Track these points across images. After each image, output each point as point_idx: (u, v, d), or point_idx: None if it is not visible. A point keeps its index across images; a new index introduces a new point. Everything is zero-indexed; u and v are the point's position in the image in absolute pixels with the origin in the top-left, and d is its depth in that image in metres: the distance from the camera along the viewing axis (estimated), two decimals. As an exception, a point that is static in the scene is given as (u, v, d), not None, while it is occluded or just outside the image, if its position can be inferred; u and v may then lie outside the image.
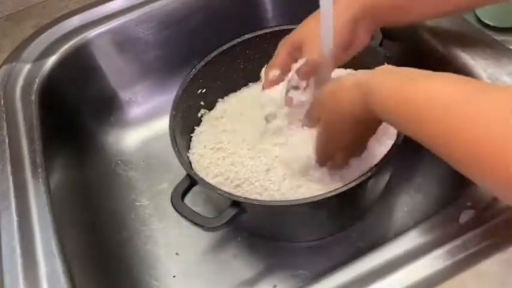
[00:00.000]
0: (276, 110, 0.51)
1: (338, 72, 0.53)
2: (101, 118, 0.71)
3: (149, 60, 0.72)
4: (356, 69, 0.56)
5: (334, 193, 0.45)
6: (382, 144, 0.50)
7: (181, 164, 0.50)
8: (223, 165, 0.54)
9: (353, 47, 0.50)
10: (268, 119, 0.52)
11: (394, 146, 0.48)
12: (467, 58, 0.53)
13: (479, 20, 0.57)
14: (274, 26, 0.63)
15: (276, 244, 0.58)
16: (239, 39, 0.61)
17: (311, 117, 0.49)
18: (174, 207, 0.49)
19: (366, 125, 0.45)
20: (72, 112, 0.67)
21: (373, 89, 0.40)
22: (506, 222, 0.41)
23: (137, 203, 0.65)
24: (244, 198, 0.47)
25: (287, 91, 0.50)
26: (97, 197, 0.64)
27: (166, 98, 0.67)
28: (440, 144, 0.35)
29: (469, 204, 0.43)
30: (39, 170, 0.52)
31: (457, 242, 0.40)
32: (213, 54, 0.60)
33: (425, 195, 0.59)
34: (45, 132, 0.56)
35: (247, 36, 0.61)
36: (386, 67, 0.43)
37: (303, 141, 0.50)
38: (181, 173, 0.50)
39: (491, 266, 0.39)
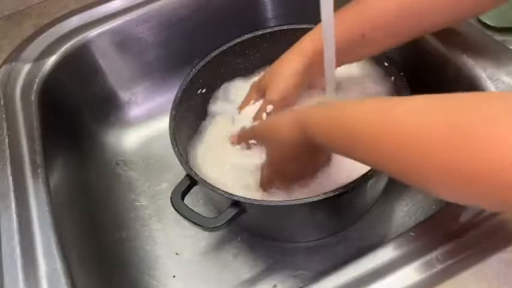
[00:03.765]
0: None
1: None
2: (101, 118, 0.71)
3: (149, 60, 0.72)
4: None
5: (334, 193, 0.45)
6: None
7: (181, 164, 0.50)
8: (221, 164, 0.55)
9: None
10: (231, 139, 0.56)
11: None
12: (467, 58, 0.53)
13: (479, 20, 0.57)
14: (274, 26, 0.63)
15: (276, 244, 0.58)
16: (239, 39, 0.61)
17: (242, 139, 0.54)
18: (174, 207, 0.49)
19: (307, 152, 0.46)
20: (72, 112, 0.67)
21: (307, 116, 0.42)
22: (506, 222, 0.41)
23: (137, 203, 0.65)
24: (244, 198, 0.47)
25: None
26: (97, 197, 0.64)
27: (166, 98, 0.67)
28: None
29: (468, 204, 0.43)
30: (39, 170, 0.52)
31: (457, 242, 0.40)
32: (213, 54, 0.60)
33: (425, 195, 0.59)
34: (45, 132, 0.56)
35: (247, 36, 0.61)
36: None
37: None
38: (181, 173, 0.50)
39: (491, 266, 0.39)
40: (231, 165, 0.54)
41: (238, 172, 0.53)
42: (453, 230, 0.41)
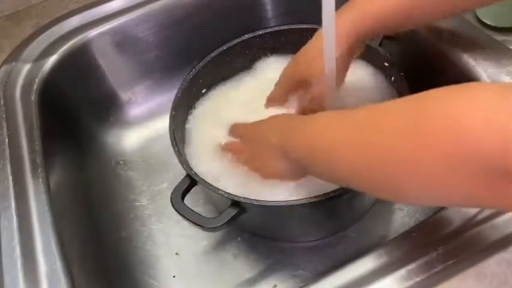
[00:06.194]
0: None
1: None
2: (101, 118, 0.71)
3: (149, 60, 0.72)
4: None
5: (334, 193, 0.45)
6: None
7: (181, 164, 0.50)
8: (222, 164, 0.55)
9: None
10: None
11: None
12: (467, 58, 0.53)
13: (479, 20, 0.57)
14: (274, 26, 0.63)
15: (276, 244, 0.58)
16: (239, 39, 0.61)
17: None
18: (174, 207, 0.49)
19: (288, 168, 0.46)
20: (72, 112, 0.67)
21: (288, 138, 0.44)
22: (506, 222, 0.41)
23: (137, 203, 0.65)
24: (244, 198, 0.47)
25: None
26: (97, 197, 0.64)
27: (166, 98, 0.67)
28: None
29: (469, 204, 0.43)
30: (39, 170, 0.52)
31: (457, 242, 0.40)
32: (213, 54, 0.60)
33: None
34: (45, 132, 0.56)
35: (247, 36, 0.61)
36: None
37: None
38: (181, 173, 0.50)
39: (491, 266, 0.39)
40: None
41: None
42: (453, 230, 0.41)
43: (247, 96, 0.62)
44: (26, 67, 0.63)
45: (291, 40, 0.61)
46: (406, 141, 0.30)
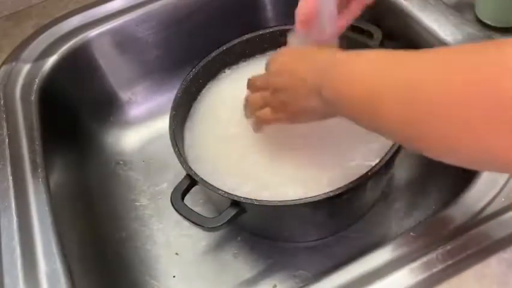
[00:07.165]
0: None
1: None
2: (101, 118, 0.71)
3: (149, 60, 0.72)
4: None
5: (334, 193, 0.45)
6: (381, 141, 0.50)
7: (182, 164, 0.50)
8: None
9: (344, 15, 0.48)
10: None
11: (394, 146, 0.48)
12: (467, 58, 0.53)
13: (479, 20, 0.57)
14: (274, 26, 0.63)
15: (276, 244, 0.58)
16: (239, 39, 0.61)
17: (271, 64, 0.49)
18: (174, 207, 0.49)
19: (319, 106, 0.42)
20: (72, 112, 0.67)
21: (323, 79, 0.40)
22: (506, 222, 0.41)
23: (137, 203, 0.65)
24: (244, 198, 0.47)
25: None
26: (97, 197, 0.64)
27: (166, 98, 0.67)
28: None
29: (468, 204, 0.43)
30: (39, 170, 0.52)
31: (457, 242, 0.40)
32: (213, 54, 0.60)
33: (425, 195, 0.59)
34: (45, 132, 0.56)
35: (247, 36, 0.61)
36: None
37: None
38: (181, 173, 0.50)
39: (491, 266, 0.39)
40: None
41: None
42: (453, 230, 0.41)
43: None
44: (26, 67, 0.63)
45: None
46: (456, 92, 0.28)
